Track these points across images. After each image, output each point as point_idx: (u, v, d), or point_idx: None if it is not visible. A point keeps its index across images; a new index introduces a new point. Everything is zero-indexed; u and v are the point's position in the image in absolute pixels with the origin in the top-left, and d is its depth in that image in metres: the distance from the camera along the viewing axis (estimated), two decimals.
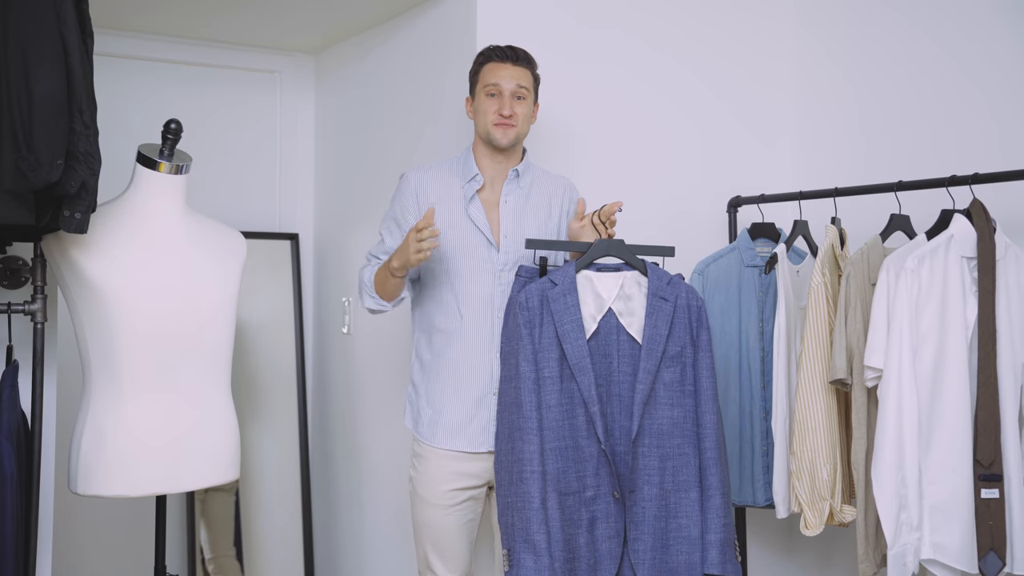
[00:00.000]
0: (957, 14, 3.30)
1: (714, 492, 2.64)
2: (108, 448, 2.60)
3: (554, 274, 2.68)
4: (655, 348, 2.64)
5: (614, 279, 2.71)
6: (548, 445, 2.59)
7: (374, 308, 2.86)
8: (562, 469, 2.60)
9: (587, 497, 2.62)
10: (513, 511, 2.57)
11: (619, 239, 2.74)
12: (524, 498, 2.55)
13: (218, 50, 4.23)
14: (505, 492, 2.60)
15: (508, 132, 2.81)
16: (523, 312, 2.64)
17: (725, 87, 3.74)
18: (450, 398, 2.80)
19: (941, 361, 2.69)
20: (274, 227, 4.38)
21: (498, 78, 2.81)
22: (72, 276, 2.59)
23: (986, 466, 2.66)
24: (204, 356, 2.74)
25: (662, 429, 2.65)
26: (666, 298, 2.68)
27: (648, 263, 2.73)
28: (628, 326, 2.68)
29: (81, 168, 2.25)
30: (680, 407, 2.66)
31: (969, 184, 2.79)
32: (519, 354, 2.62)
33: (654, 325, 2.65)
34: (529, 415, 2.58)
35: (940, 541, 2.67)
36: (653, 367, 2.64)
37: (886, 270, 2.74)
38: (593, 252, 2.71)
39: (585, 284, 2.69)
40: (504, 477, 2.62)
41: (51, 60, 2.20)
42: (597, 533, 2.62)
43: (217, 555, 3.98)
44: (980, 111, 3.21)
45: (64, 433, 2.82)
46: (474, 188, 2.85)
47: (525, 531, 2.53)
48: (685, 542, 2.63)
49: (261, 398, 4.14)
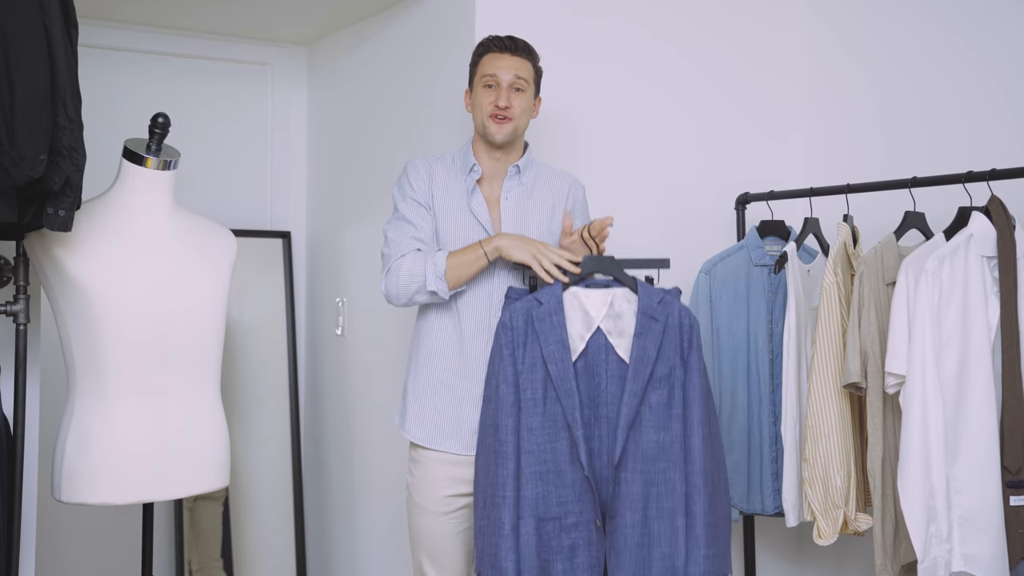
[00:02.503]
0: (973, 2, 3.28)
1: (696, 520, 2.56)
2: (93, 454, 2.58)
3: (541, 292, 2.64)
4: (642, 370, 2.59)
5: (603, 296, 2.65)
6: (529, 469, 2.56)
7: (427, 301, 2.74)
8: (542, 494, 2.56)
9: (568, 524, 2.57)
10: (484, 535, 2.56)
11: (609, 255, 2.69)
12: (495, 523, 2.53)
13: (207, 41, 4.22)
14: (479, 515, 2.59)
15: (504, 127, 2.75)
16: (506, 333, 2.60)
17: (733, 79, 3.72)
18: (443, 396, 2.76)
19: (964, 365, 2.66)
20: (265, 225, 4.38)
21: (496, 68, 2.76)
22: (56, 276, 2.56)
23: (1014, 472, 2.63)
24: (192, 358, 2.70)
25: (647, 454, 2.59)
26: (656, 317, 2.62)
27: (640, 281, 2.68)
28: (617, 346, 2.63)
29: (65, 163, 2.23)
30: (666, 431, 2.60)
31: (987, 180, 2.76)
32: (499, 375, 2.59)
33: (642, 346, 2.60)
34: (505, 439, 2.54)
35: (970, 552, 2.64)
36: (640, 389, 2.58)
37: (905, 272, 2.70)
38: (583, 269, 2.66)
39: (573, 302, 2.64)
40: (479, 500, 2.60)
41: (34, 51, 2.18)
42: (577, 561, 2.57)
43: (205, 566, 3.98)
44: (998, 103, 3.20)
45: (47, 439, 2.79)
46: (474, 178, 2.80)
47: (494, 556, 2.53)
48: (668, 572, 2.57)
49: (252, 402, 4.14)
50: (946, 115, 3.34)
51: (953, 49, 3.32)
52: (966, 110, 3.27)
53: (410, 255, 2.71)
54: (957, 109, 3.30)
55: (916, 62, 3.44)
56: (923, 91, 3.42)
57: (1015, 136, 3.12)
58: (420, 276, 2.68)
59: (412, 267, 2.69)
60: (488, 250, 2.65)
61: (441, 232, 2.75)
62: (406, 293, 2.71)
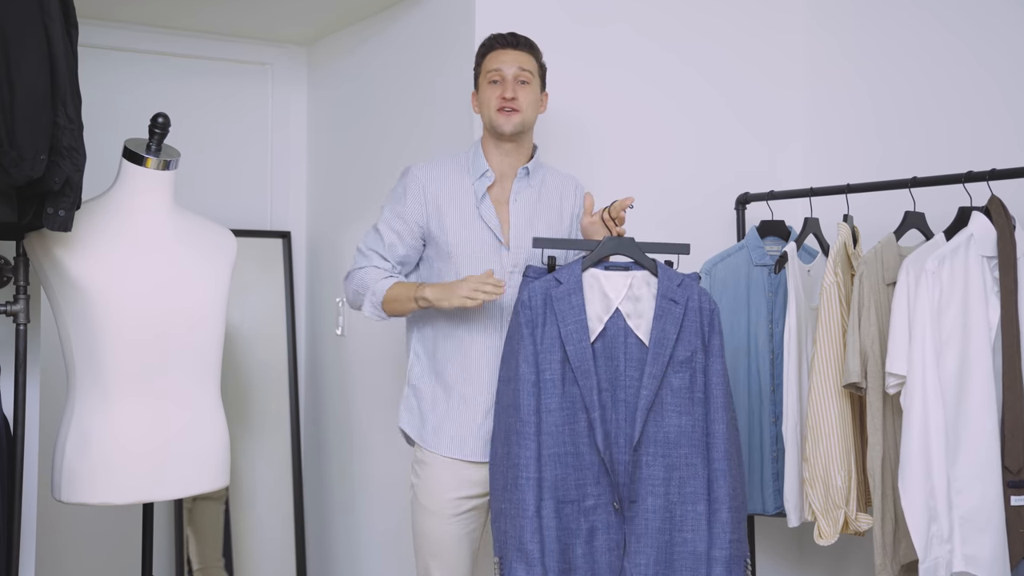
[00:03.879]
0: (972, 3, 3.27)
1: (720, 505, 2.56)
2: (93, 454, 2.57)
3: (560, 272, 2.61)
4: (662, 352, 2.58)
5: (622, 278, 2.64)
6: (547, 451, 2.53)
7: (370, 317, 2.79)
8: (561, 476, 2.54)
9: (587, 506, 2.56)
10: (507, 518, 2.51)
11: (629, 237, 2.68)
12: (519, 505, 2.49)
13: (207, 41, 4.21)
14: (499, 498, 2.55)
15: (512, 117, 2.73)
16: (525, 311, 2.58)
17: (733, 80, 3.72)
18: (456, 406, 2.74)
19: (965, 365, 2.65)
20: (265, 225, 4.37)
21: (500, 63, 2.76)
22: (56, 276, 2.55)
23: (1015, 472, 2.62)
24: (192, 358, 2.70)
25: (668, 438, 2.58)
26: (676, 300, 2.61)
27: (660, 263, 2.67)
28: (636, 328, 2.61)
29: (65, 163, 2.23)
30: (688, 415, 2.59)
31: (987, 180, 2.76)
32: (519, 354, 2.55)
33: (662, 328, 2.58)
34: (527, 419, 2.52)
35: (971, 552, 2.63)
36: (659, 372, 2.57)
37: (906, 272, 2.69)
38: (601, 250, 2.65)
39: (592, 283, 2.62)
40: (499, 482, 2.56)
41: (34, 51, 2.18)
42: (596, 544, 2.56)
43: (206, 566, 3.97)
44: (996, 104, 3.19)
45: (47, 439, 2.78)
46: (485, 185, 2.78)
47: (518, 539, 2.48)
48: (690, 557, 2.56)
49: (252, 402, 4.12)
50: (945, 116, 3.32)
51: (952, 50, 3.31)
52: (965, 111, 3.26)
53: (367, 271, 2.77)
54: (956, 110, 3.29)
55: (914, 64, 3.43)
56: (921, 92, 3.40)
57: (1014, 137, 3.11)
58: (361, 296, 2.77)
59: (360, 284, 2.78)
60: (420, 302, 2.66)
61: (451, 238, 2.73)
62: (355, 303, 2.82)
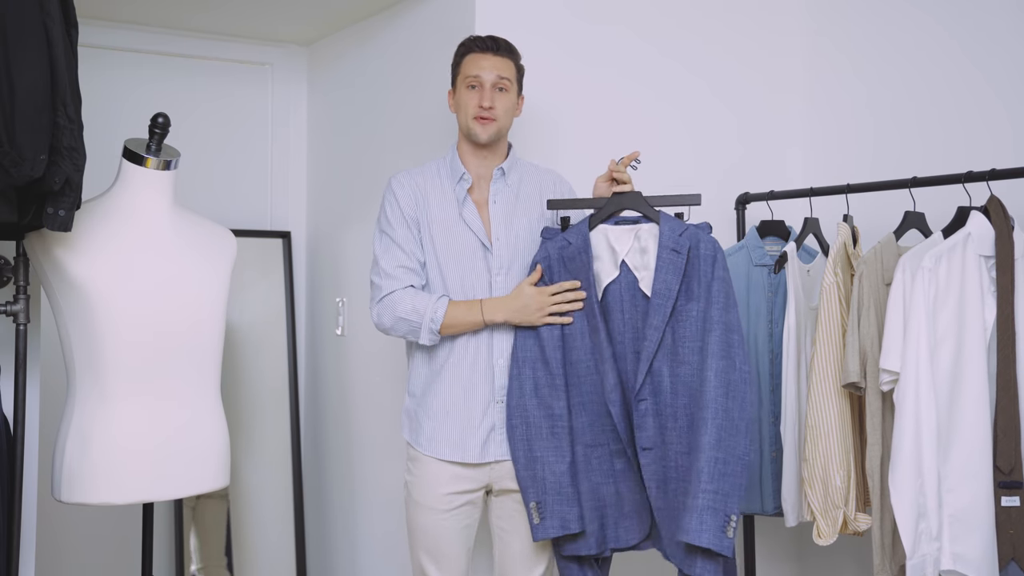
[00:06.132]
0: (969, 6, 3.28)
1: (700, 454, 2.53)
2: (93, 454, 2.57)
3: (569, 232, 2.71)
4: (663, 304, 2.62)
5: (629, 232, 2.70)
6: (573, 400, 2.67)
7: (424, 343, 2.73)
8: (587, 423, 2.67)
9: (615, 450, 2.68)
10: (544, 465, 2.63)
11: (636, 191, 2.73)
12: (556, 452, 2.63)
13: (207, 41, 4.20)
14: (530, 446, 2.65)
15: (488, 127, 2.76)
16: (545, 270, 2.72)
17: (733, 81, 3.72)
18: (452, 411, 2.74)
19: (959, 364, 2.65)
20: (265, 225, 4.36)
21: (479, 69, 2.77)
22: (56, 276, 2.55)
23: (1006, 473, 2.61)
24: (192, 359, 2.70)
25: (670, 387, 2.64)
26: (678, 250, 2.64)
27: (662, 213, 2.69)
28: (641, 280, 2.67)
29: (65, 163, 2.23)
30: (688, 364, 2.63)
31: (986, 180, 2.76)
32: None
33: (663, 280, 2.62)
34: (556, 371, 2.66)
35: (960, 551, 2.63)
36: (660, 323, 2.62)
37: (902, 269, 2.69)
38: (608, 207, 2.72)
39: (600, 239, 2.71)
40: (531, 431, 2.65)
41: (34, 51, 2.18)
42: (622, 487, 2.68)
43: (207, 565, 3.97)
44: (993, 106, 3.20)
45: (47, 439, 2.78)
46: (464, 188, 2.79)
47: (557, 484, 2.61)
48: (683, 508, 2.58)
49: (252, 403, 4.12)
50: (943, 117, 3.32)
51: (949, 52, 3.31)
52: (962, 112, 3.26)
53: (408, 294, 2.70)
54: (953, 110, 3.29)
55: (912, 65, 3.43)
56: (919, 93, 3.40)
57: (1010, 139, 3.12)
58: (416, 325, 2.69)
59: (411, 311, 2.68)
60: (488, 320, 2.68)
61: (437, 244, 2.74)
62: (399, 329, 2.72)
